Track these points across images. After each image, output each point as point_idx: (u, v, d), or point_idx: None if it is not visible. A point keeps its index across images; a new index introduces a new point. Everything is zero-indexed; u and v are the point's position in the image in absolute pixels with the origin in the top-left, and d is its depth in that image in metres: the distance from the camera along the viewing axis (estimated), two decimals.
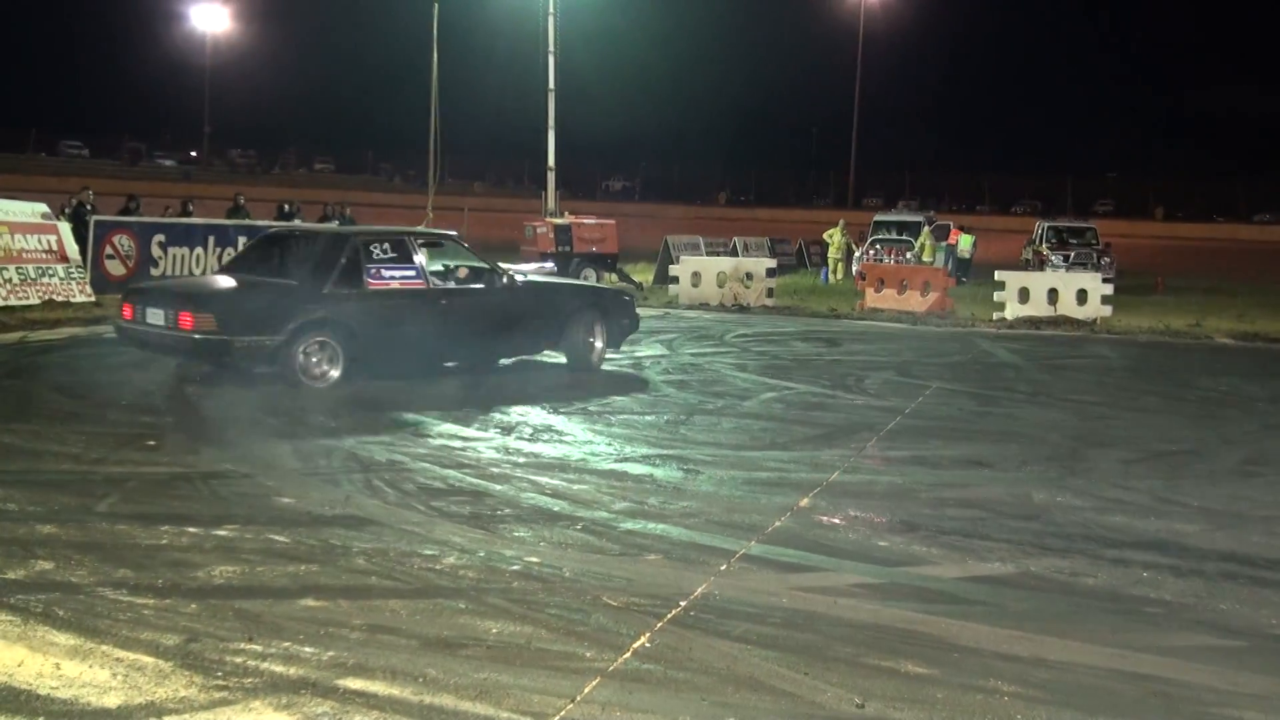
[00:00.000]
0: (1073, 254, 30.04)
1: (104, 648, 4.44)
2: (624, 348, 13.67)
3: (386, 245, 11.09)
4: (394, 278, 10.96)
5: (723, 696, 4.20)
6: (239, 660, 4.36)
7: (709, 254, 28.66)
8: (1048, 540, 6.44)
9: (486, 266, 11.90)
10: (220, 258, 19.45)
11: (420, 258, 11.21)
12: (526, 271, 15.16)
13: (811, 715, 4.11)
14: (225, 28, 78.75)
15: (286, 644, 4.52)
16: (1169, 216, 73.35)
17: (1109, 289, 20.24)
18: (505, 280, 11.81)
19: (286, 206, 24.83)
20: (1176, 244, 56.14)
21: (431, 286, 11.21)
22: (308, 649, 4.48)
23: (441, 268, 11.88)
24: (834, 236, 31.38)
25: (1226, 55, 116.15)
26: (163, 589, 5.12)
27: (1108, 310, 19.83)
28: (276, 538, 5.98)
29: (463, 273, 11.75)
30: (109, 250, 17.86)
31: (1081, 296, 19.94)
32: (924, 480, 7.85)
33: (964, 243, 30.87)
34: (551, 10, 28.20)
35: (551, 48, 28.13)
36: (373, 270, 10.80)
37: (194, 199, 24.02)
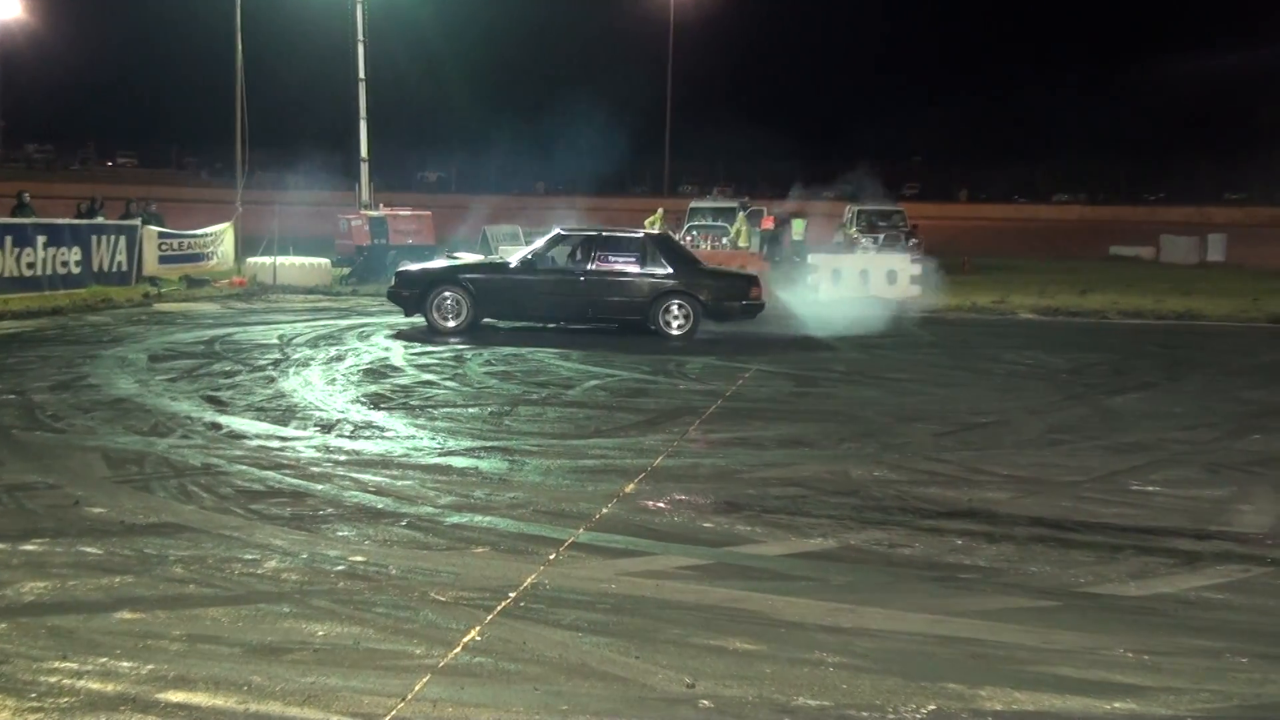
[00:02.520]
0: (882, 236, 30.93)
1: None
2: (448, 341, 13.57)
3: None
4: None
5: (555, 685, 4.21)
6: (53, 680, 4.18)
7: (528, 244, 28.56)
8: (866, 514, 6.63)
9: None
10: (19, 259, 18.58)
11: None
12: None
13: (643, 698, 4.14)
14: (16, 14, 74.96)
15: (103, 660, 4.36)
16: (973, 198, 76.11)
17: (918, 269, 20.91)
18: None
19: (87, 204, 23.84)
20: (981, 225, 58.26)
21: None
22: (125, 663, 4.32)
23: None
24: (654, 224, 31.64)
25: (1028, 40, 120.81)
26: None
27: (917, 290, 20.48)
28: (88, 550, 5.75)
29: None
30: None
31: (892, 277, 20.56)
32: (746, 461, 7.99)
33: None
34: None
35: (361, 36, 27.59)
36: None
37: None
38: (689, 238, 29.96)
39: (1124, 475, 7.74)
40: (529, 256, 16.22)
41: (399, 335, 15.10)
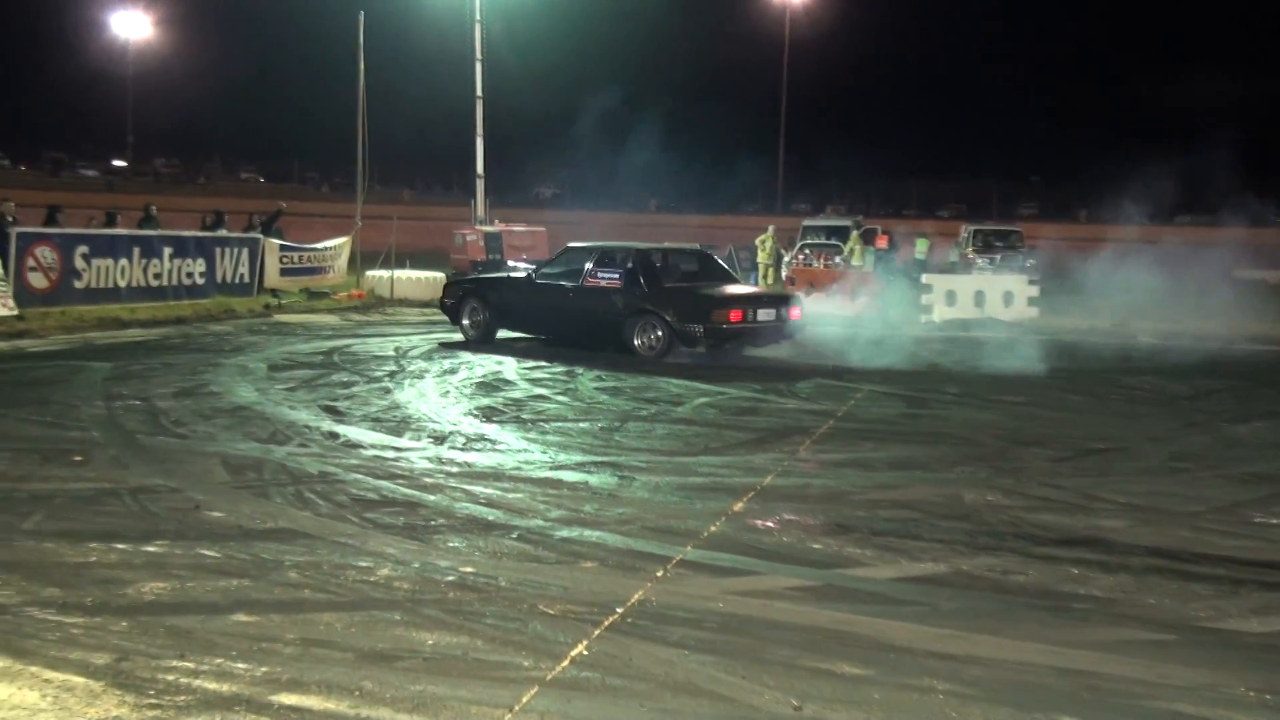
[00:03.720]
0: (999, 257, 30.48)
1: (33, 669, 4.35)
2: (556, 358, 13.95)
3: None
4: None
5: (661, 702, 4.21)
6: (171, 678, 4.30)
7: None
8: (979, 539, 6.53)
9: None
10: (146, 269, 19.20)
11: None
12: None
13: (749, 718, 4.12)
14: (147, 35, 77.52)
15: (219, 660, 4.47)
16: (1093, 219, 74.59)
17: (1035, 290, 20.55)
18: None
19: (212, 217, 24.48)
20: (1101, 245, 57.05)
21: None
22: (241, 665, 4.43)
23: None
24: (765, 243, 31.53)
25: (1151, 54, 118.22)
26: (91, 607, 5.03)
27: (1034, 311, 20.14)
28: (207, 553, 5.90)
29: None
30: (31, 262, 17.50)
31: (1008, 298, 20.25)
32: (857, 482, 7.92)
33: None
34: (478, 17, 28.11)
35: (479, 54, 28.03)
36: None
37: (120, 210, 23.59)
38: (801, 256, 29.83)
39: (1247, 507, 7.50)
40: (538, 270, 16.23)
41: (512, 350, 15.24)
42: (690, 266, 16.18)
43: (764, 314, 14.81)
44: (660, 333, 14.51)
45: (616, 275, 14.99)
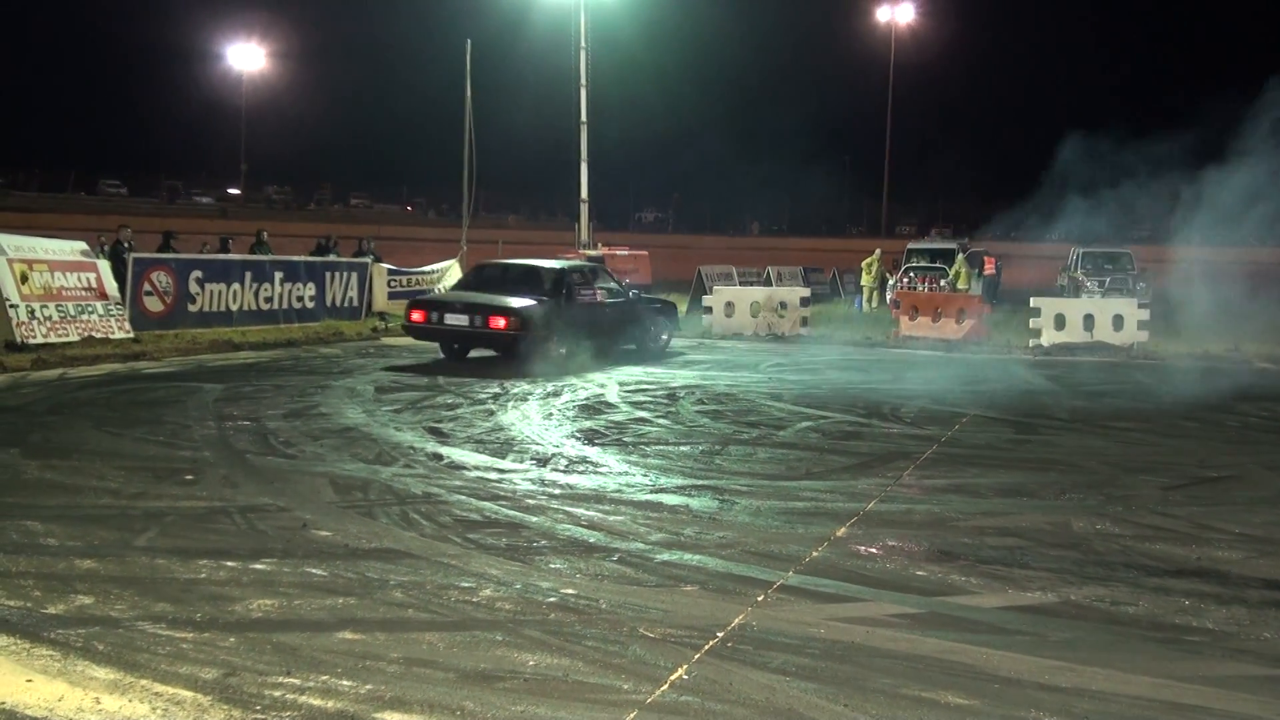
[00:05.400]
0: (1108, 280, 29.89)
1: (143, 682, 4.46)
2: (659, 379, 13.90)
3: None
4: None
5: None
6: (277, 694, 4.37)
7: (742, 284, 28.66)
8: (1088, 569, 6.39)
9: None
10: (257, 293, 19.68)
11: None
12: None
13: None
14: (260, 66, 79.59)
15: (324, 677, 4.53)
16: (1205, 240, 72.79)
17: (1145, 314, 20.11)
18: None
19: (323, 241, 25.01)
20: (1218, 267, 55.65)
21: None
22: (345, 682, 4.48)
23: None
24: (871, 266, 31.28)
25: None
26: (201, 623, 5.14)
27: (1145, 335, 19.71)
28: (314, 571, 6.00)
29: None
30: (147, 287, 18.05)
31: (1118, 322, 19.83)
32: (962, 509, 7.80)
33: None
34: (583, 44, 28.37)
35: (583, 81, 28.29)
36: None
37: (233, 236, 24.23)
38: (907, 279, 29.57)
39: None
40: (455, 286, 17.62)
41: (613, 374, 15.30)
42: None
43: (453, 319, 15.94)
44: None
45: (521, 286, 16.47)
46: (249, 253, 22.11)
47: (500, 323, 15.50)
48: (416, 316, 16.13)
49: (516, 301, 15.71)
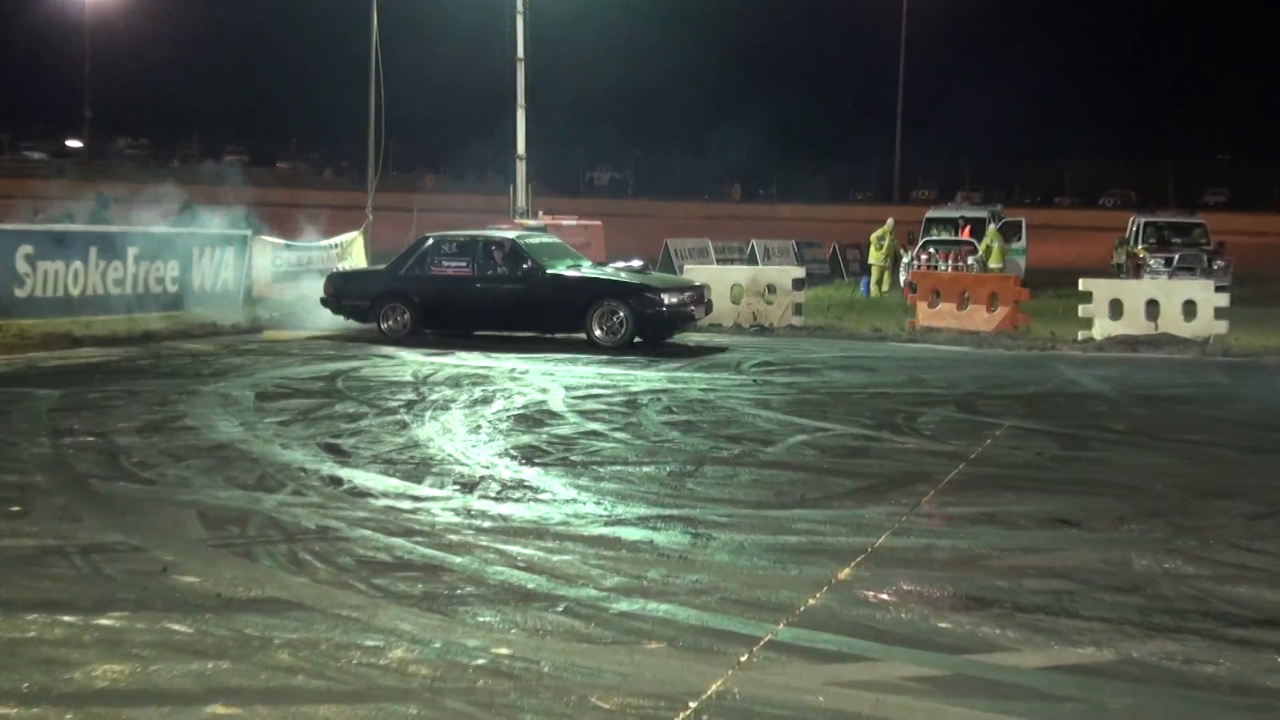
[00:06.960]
0: (1177, 256, 30.10)
1: None
2: (615, 381, 13.88)
3: None
4: None
5: None
6: None
7: (720, 261, 28.74)
8: (1154, 618, 6.42)
9: None
10: (105, 274, 19.38)
11: None
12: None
13: None
14: None
15: None
16: None
17: (1224, 300, 20.26)
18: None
19: (179, 207, 24.57)
20: None
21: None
22: None
23: None
24: (883, 238, 31.24)
25: None
26: (28, 695, 5.07)
27: (1223, 326, 19.86)
28: (177, 627, 5.94)
29: None
30: None
31: (1189, 310, 19.98)
32: (995, 543, 7.83)
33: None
34: None
35: (520, 6, 28.19)
36: None
37: (75, 198, 23.94)
38: (925, 256, 29.62)
39: None
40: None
41: (557, 374, 15.28)
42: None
43: None
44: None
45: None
46: (90, 220, 21.78)
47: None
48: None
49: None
